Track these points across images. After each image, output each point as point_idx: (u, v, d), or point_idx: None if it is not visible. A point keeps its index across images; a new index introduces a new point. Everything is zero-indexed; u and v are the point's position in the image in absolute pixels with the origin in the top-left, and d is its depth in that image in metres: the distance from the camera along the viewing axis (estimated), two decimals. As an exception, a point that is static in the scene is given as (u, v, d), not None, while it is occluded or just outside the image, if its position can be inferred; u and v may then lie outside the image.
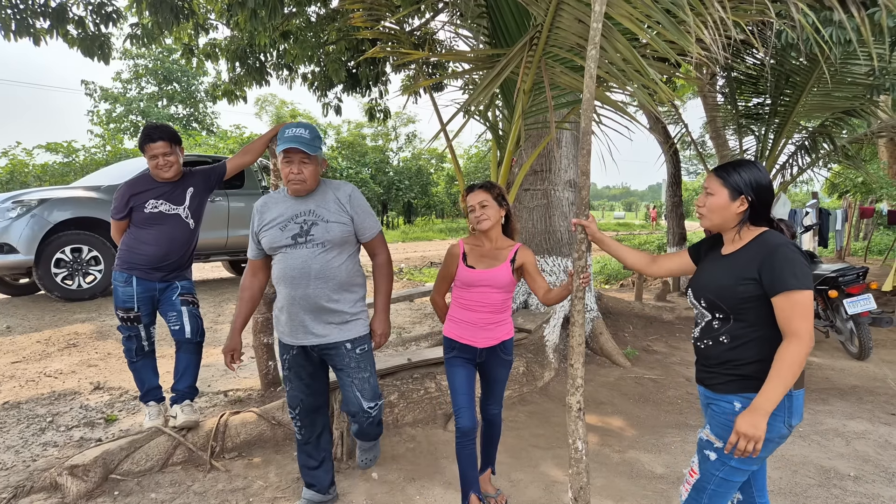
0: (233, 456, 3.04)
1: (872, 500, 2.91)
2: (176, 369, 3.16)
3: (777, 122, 6.95)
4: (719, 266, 1.81)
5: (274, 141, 3.44)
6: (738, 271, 1.73)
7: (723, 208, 1.80)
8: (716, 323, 1.79)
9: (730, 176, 1.78)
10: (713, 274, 1.82)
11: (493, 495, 2.75)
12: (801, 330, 1.60)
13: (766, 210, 1.79)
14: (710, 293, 1.79)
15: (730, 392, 1.75)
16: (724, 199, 1.79)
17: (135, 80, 26.81)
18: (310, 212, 2.40)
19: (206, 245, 7.39)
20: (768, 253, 1.68)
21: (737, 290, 1.71)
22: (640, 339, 5.77)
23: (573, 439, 2.29)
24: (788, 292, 1.62)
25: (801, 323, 1.61)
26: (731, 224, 1.81)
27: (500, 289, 2.51)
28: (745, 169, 1.78)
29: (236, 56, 7.22)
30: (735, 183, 1.77)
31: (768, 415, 1.62)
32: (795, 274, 1.62)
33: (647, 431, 3.69)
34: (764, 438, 1.64)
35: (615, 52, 2.75)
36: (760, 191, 1.77)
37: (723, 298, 1.75)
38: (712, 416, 1.81)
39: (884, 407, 4.26)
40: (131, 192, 3.04)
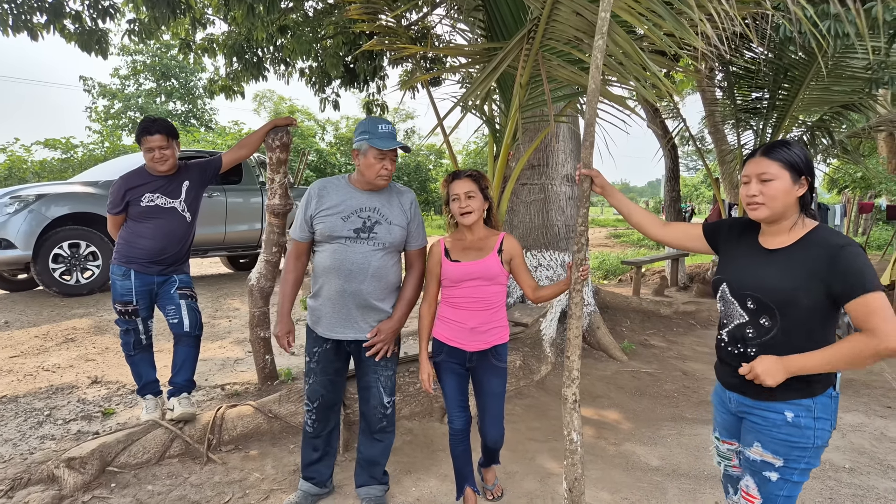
0: (229, 449, 3.05)
1: (867, 492, 2.93)
2: (174, 362, 3.17)
3: (775, 117, 6.93)
4: (771, 265, 1.64)
5: (273, 135, 3.44)
6: (800, 274, 1.57)
7: (786, 193, 1.61)
8: (750, 330, 1.66)
9: (788, 156, 1.62)
10: (765, 274, 1.64)
11: (490, 487, 2.77)
12: (879, 328, 1.46)
13: (812, 193, 1.67)
14: (763, 294, 1.63)
15: (782, 399, 1.62)
16: (787, 182, 1.61)
17: (133, 77, 26.74)
18: (375, 209, 2.39)
19: (203, 240, 7.39)
20: (834, 255, 1.53)
21: (797, 294, 1.57)
22: (637, 333, 5.78)
23: (568, 431, 2.30)
24: (864, 296, 1.48)
25: (883, 323, 1.46)
26: (793, 211, 1.64)
27: (491, 280, 2.38)
28: (796, 148, 1.63)
29: (234, 51, 7.21)
30: (796, 163, 1.61)
31: (791, 373, 1.56)
32: (869, 274, 1.50)
33: (642, 424, 3.70)
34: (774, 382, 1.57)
35: (615, 46, 2.74)
36: (812, 172, 1.64)
37: (779, 301, 1.60)
38: (756, 430, 1.68)
39: (880, 400, 4.28)
40: (127, 186, 3.05)
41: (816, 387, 1.62)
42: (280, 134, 3.46)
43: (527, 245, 5.21)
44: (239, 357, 4.46)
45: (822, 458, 3.27)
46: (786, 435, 1.63)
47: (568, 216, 5.28)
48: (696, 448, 3.35)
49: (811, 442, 1.62)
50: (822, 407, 1.62)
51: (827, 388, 1.63)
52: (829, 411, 1.64)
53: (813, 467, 1.66)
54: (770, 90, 6.86)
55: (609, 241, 17.28)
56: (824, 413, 1.63)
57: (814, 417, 1.62)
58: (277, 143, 3.45)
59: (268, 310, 3.68)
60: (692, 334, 6.12)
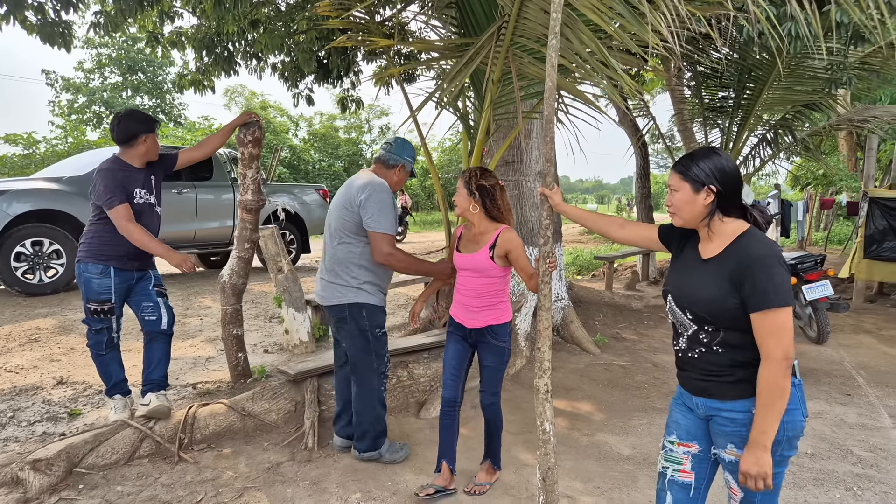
0: (202, 448, 3.02)
1: (828, 476, 3.05)
2: (149, 360, 3.12)
3: (740, 116, 7.12)
4: (703, 275, 1.69)
5: (245, 130, 3.40)
6: (723, 284, 1.62)
7: (689, 203, 1.68)
8: (703, 335, 1.69)
9: (689, 169, 1.68)
10: (698, 284, 1.69)
11: (477, 483, 2.78)
12: (773, 352, 1.53)
13: (735, 198, 1.68)
14: (696, 307, 1.68)
15: (742, 396, 1.64)
16: (687, 193, 1.69)
17: (98, 70, 25.97)
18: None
19: (172, 238, 7.25)
20: (748, 264, 1.57)
21: (726, 304, 1.61)
22: (609, 327, 5.88)
23: (541, 421, 2.34)
24: (766, 311, 1.53)
25: (775, 343, 1.53)
26: (701, 218, 1.70)
27: (479, 273, 2.60)
28: (703, 158, 1.68)
29: (203, 45, 7.06)
30: (695, 175, 1.67)
31: (768, 448, 1.55)
32: (776, 290, 1.53)
33: (614, 415, 3.78)
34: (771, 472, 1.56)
35: (579, 43, 2.79)
36: (725, 178, 1.66)
37: (711, 313, 1.64)
38: (724, 432, 1.69)
39: (840, 388, 4.44)
40: (119, 178, 2.91)
41: None
42: (252, 129, 3.42)
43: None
44: (210, 355, 4.39)
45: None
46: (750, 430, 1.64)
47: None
48: (665, 437, 3.44)
49: (782, 434, 1.62)
50: (789, 398, 1.62)
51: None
52: (796, 400, 1.65)
53: (790, 456, 1.67)
54: (735, 90, 7.04)
55: (583, 238, 17.51)
56: (792, 403, 1.63)
57: None
58: (250, 137, 3.41)
59: (240, 307, 3.64)
60: (662, 327, 6.26)
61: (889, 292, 8.18)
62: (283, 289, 4.34)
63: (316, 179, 22.01)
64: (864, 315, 7.02)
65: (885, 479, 3.03)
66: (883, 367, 4.99)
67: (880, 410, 4.01)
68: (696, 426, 1.81)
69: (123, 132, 2.98)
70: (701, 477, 1.81)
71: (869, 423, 3.77)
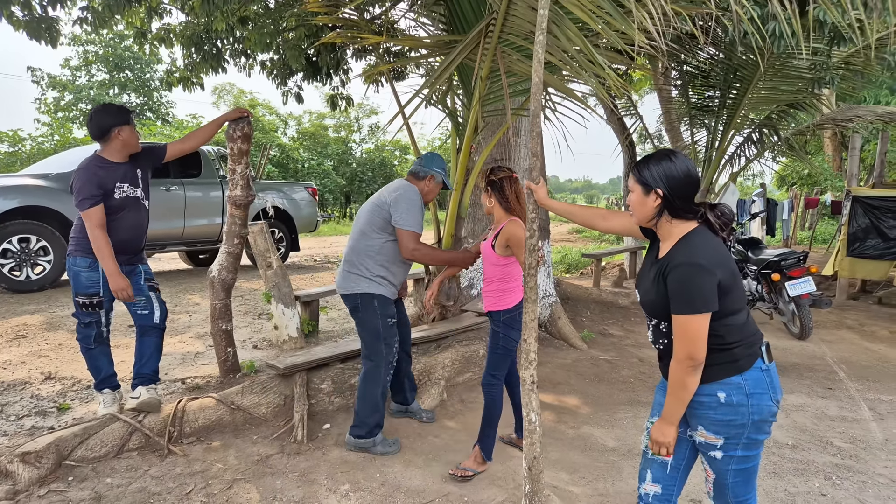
0: (191, 441, 3.03)
1: (808, 466, 3.12)
2: (140, 354, 3.12)
3: (726, 115, 7.21)
4: (651, 274, 1.79)
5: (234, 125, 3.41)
6: (658, 285, 1.73)
7: (640, 204, 1.77)
8: (662, 327, 1.79)
9: (641, 171, 1.76)
10: (646, 283, 1.81)
11: (464, 468, 2.85)
12: (680, 353, 1.65)
13: (684, 202, 1.73)
14: (644, 304, 1.81)
15: (707, 380, 1.71)
16: (639, 195, 1.77)
17: (84, 67, 25.69)
18: None
19: (161, 235, 7.23)
20: (669, 270, 1.68)
21: (662, 303, 1.72)
22: (597, 323, 5.95)
23: (527, 411, 2.38)
24: (675, 315, 1.65)
25: (681, 345, 1.65)
26: (650, 218, 1.78)
27: (486, 259, 2.89)
28: (656, 162, 1.74)
29: (192, 42, 7.03)
30: (645, 178, 1.74)
31: (674, 423, 1.73)
32: (683, 298, 1.63)
33: (600, 409, 3.83)
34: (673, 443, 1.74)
35: (566, 40, 2.83)
36: (673, 182, 1.71)
37: (655, 310, 1.77)
38: (698, 414, 1.76)
39: (822, 382, 4.53)
40: (98, 175, 2.90)
41: (743, 363, 1.71)
42: (241, 124, 3.43)
43: (490, 237, 5.29)
44: (199, 351, 4.40)
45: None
46: (721, 415, 1.70)
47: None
48: (650, 429, 3.50)
49: (747, 418, 1.69)
50: (753, 382, 1.70)
51: (754, 362, 1.71)
52: (764, 384, 1.71)
53: (762, 440, 1.73)
54: (721, 89, 7.12)
55: (571, 236, 17.62)
56: (758, 388, 1.70)
57: (746, 394, 1.69)
58: (239, 133, 3.43)
59: (229, 302, 3.66)
60: (649, 324, 6.33)
61: (871, 289, 8.32)
62: (273, 285, 4.36)
63: (305, 178, 21.94)
64: (847, 311, 7.15)
65: (863, 468, 3.11)
66: (864, 362, 5.09)
67: (860, 403, 4.09)
68: None
69: (96, 127, 2.95)
70: (680, 457, 1.87)
71: (849, 416, 3.85)
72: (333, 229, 17.51)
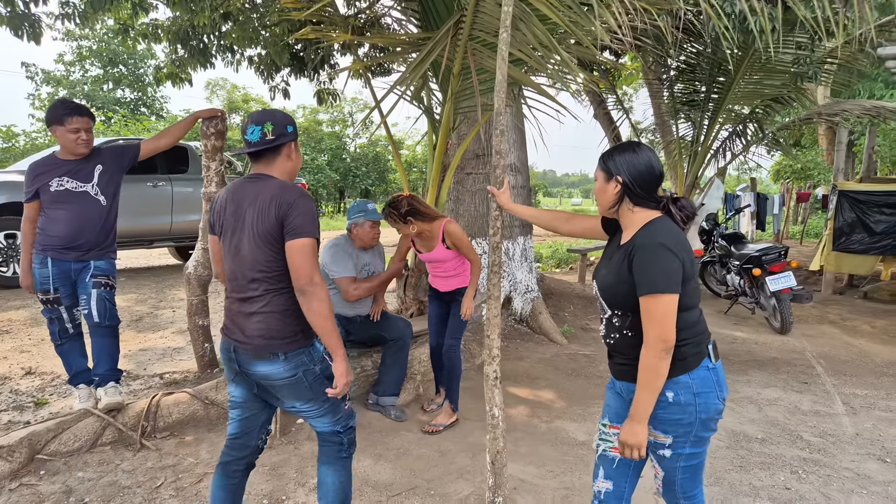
0: (165, 436, 3.06)
1: (775, 460, 3.16)
2: (93, 354, 3.12)
3: (711, 109, 7.22)
4: (612, 260, 1.80)
5: (208, 123, 3.43)
6: (620, 270, 1.73)
7: (601, 191, 1.82)
8: (616, 320, 1.79)
9: (604, 159, 1.81)
10: (607, 269, 1.81)
11: (435, 424, 3.36)
12: (650, 337, 1.63)
13: (645, 191, 1.76)
14: (604, 291, 1.80)
15: None
16: (601, 181, 1.82)
17: (79, 63, 25.62)
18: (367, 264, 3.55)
19: (149, 231, 7.25)
20: (635, 251, 1.68)
21: (624, 289, 1.71)
22: (579, 318, 5.98)
23: (490, 406, 2.41)
24: (644, 296, 1.64)
25: (651, 328, 1.63)
26: (610, 205, 1.81)
27: (445, 259, 3.34)
28: (619, 151, 1.79)
29: (178, 37, 7.03)
30: (608, 165, 1.79)
31: (645, 421, 1.68)
32: (651, 278, 1.63)
33: (574, 403, 3.87)
34: (646, 443, 1.69)
35: (533, 36, 2.85)
36: (634, 172, 1.75)
37: (614, 296, 1.76)
38: None
39: (798, 377, 4.57)
40: (35, 173, 2.98)
41: (690, 361, 1.72)
42: (215, 122, 3.46)
43: (472, 233, 5.32)
44: (180, 346, 4.43)
45: (737, 430, 3.47)
46: (669, 414, 1.72)
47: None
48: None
49: (694, 417, 1.71)
50: (700, 381, 1.72)
51: (701, 361, 1.73)
52: (711, 383, 1.73)
53: (706, 436, 1.76)
54: (706, 84, 7.12)
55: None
56: (705, 387, 1.72)
57: (694, 393, 1.71)
58: (212, 130, 3.45)
59: (206, 298, 3.68)
60: (633, 318, 6.37)
61: (858, 284, 8.37)
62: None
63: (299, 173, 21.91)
64: (830, 306, 7.19)
65: (830, 462, 3.15)
66: (843, 357, 5.13)
67: (835, 398, 4.13)
68: (624, 409, 1.89)
69: (45, 122, 3.03)
70: None
71: (822, 410, 3.89)
72: (326, 224, 17.52)
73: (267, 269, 1.86)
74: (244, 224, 1.88)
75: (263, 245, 1.85)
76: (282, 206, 1.84)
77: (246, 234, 1.87)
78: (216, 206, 2.00)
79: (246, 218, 1.87)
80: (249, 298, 1.89)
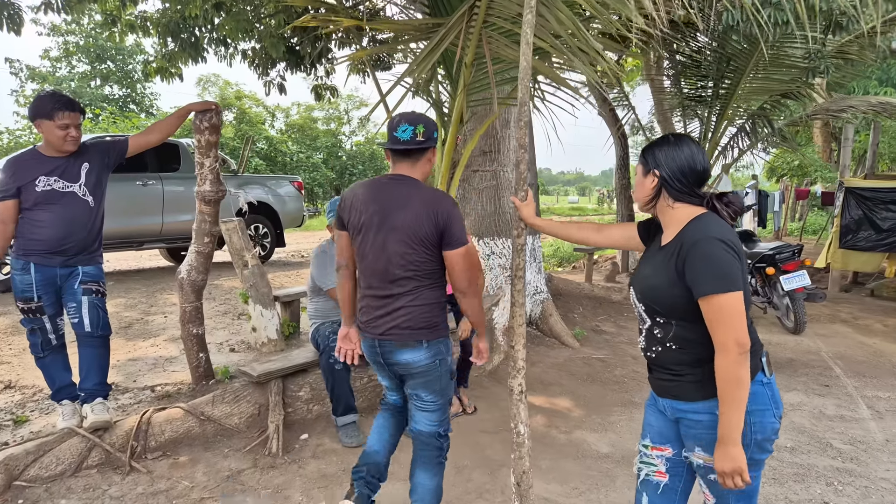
0: (156, 456, 2.83)
1: (808, 471, 2.98)
2: (80, 367, 2.88)
3: (719, 106, 7.07)
4: (654, 261, 1.65)
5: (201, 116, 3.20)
6: (667, 272, 1.57)
7: (639, 185, 1.71)
8: (657, 330, 1.63)
9: (645, 152, 1.70)
10: (648, 272, 1.66)
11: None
12: (724, 341, 1.46)
13: (685, 185, 1.62)
14: (646, 296, 1.64)
15: (705, 398, 1.56)
16: (639, 174, 1.71)
17: (65, 59, 25.13)
18: None
19: (138, 232, 6.98)
20: (688, 248, 1.52)
21: (671, 292, 1.55)
22: (589, 319, 5.79)
23: (515, 423, 2.22)
24: (708, 297, 1.46)
25: (723, 331, 1.46)
26: (647, 200, 1.70)
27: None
28: (660, 144, 1.68)
29: (168, 30, 6.77)
30: (645, 159, 1.69)
31: (738, 441, 1.48)
32: (715, 274, 1.46)
33: (593, 411, 3.68)
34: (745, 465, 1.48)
35: (557, 23, 2.64)
36: (673, 165, 1.62)
37: (659, 302, 1.59)
38: (693, 434, 1.60)
39: (818, 379, 4.41)
40: (17, 169, 2.73)
41: None
42: (209, 115, 3.21)
43: (479, 233, 5.11)
44: (173, 355, 4.18)
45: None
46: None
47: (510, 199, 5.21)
48: (645, 434, 3.35)
49: (749, 437, 1.53)
50: (755, 398, 1.53)
51: (756, 375, 1.55)
52: (766, 399, 1.56)
53: (762, 459, 1.58)
54: (714, 79, 6.96)
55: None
56: (759, 404, 1.54)
57: (748, 411, 1.52)
58: (206, 124, 3.21)
59: (200, 304, 3.44)
60: (641, 319, 6.19)
61: (863, 281, 8.25)
62: (250, 284, 4.15)
63: (294, 171, 21.61)
64: (840, 304, 7.05)
65: (865, 472, 2.98)
66: (860, 357, 4.98)
67: (858, 401, 3.97)
68: (669, 428, 1.73)
69: (28, 117, 2.79)
70: (677, 479, 1.73)
71: (847, 415, 3.73)
72: (321, 223, 17.24)
73: (418, 268, 2.02)
74: (393, 224, 2.00)
75: (418, 247, 2.00)
76: (441, 216, 2.00)
77: (396, 235, 2.00)
78: (350, 205, 2.09)
79: (395, 219, 2.00)
80: (396, 294, 2.04)
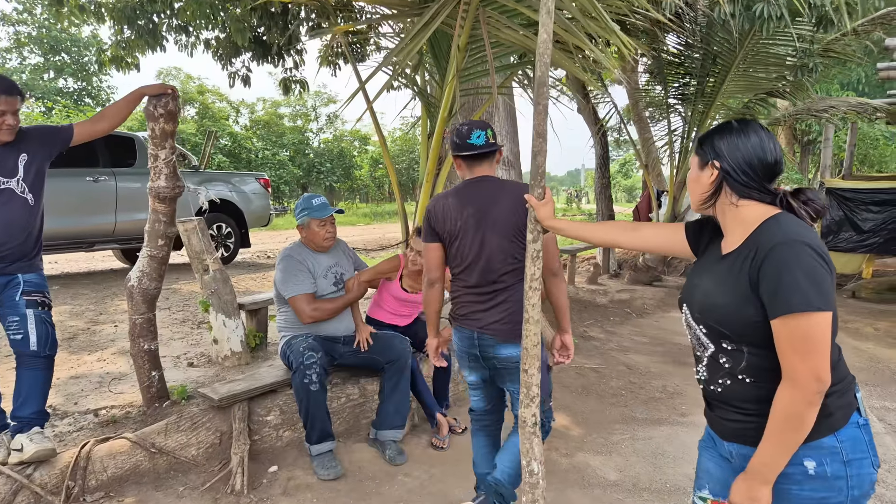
0: (98, 497, 2.39)
1: None
2: (17, 390, 2.43)
3: (703, 104, 6.92)
4: (718, 274, 1.35)
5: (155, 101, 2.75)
6: (735, 285, 1.28)
7: (694, 180, 1.41)
8: (724, 358, 1.33)
9: (702, 141, 1.40)
10: (710, 287, 1.35)
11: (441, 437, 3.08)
12: (800, 372, 1.17)
13: (752, 180, 1.31)
14: (709, 316, 1.33)
15: None
16: (694, 169, 1.41)
17: (16, 49, 23.81)
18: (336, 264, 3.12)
19: (89, 232, 6.42)
20: (764, 255, 1.22)
21: (744, 311, 1.25)
22: (576, 325, 5.51)
23: (528, 460, 1.89)
24: (788, 316, 1.17)
25: (801, 360, 1.16)
26: (704, 198, 1.39)
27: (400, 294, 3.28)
28: (721, 131, 1.38)
29: (124, 15, 6.24)
30: (702, 149, 1.38)
31: (771, 482, 1.22)
32: (800, 287, 1.16)
33: (593, 429, 3.37)
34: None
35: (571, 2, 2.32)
36: (737, 155, 1.32)
37: (727, 323, 1.29)
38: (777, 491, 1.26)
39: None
40: None
41: (837, 417, 1.24)
42: (165, 100, 2.77)
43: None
44: (122, 372, 3.70)
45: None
46: (810, 491, 1.25)
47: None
48: (652, 455, 3.06)
49: (845, 494, 1.24)
50: (851, 444, 1.24)
51: (851, 415, 1.26)
52: (864, 446, 1.25)
53: None
54: (698, 77, 6.81)
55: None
56: (856, 451, 1.24)
57: (843, 461, 1.23)
58: (161, 110, 2.76)
59: (153, 316, 2.99)
60: (629, 323, 5.96)
61: (843, 283, 8.22)
62: (211, 291, 3.70)
63: (259, 169, 20.89)
64: (824, 307, 6.96)
65: (893, 498, 2.74)
66: (857, 364, 4.81)
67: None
68: (733, 477, 1.37)
69: None
70: None
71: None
72: (289, 222, 16.64)
73: (517, 261, 2.07)
74: (489, 222, 2.08)
75: (517, 239, 2.06)
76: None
77: (495, 232, 2.07)
78: (443, 214, 2.15)
79: (492, 216, 2.08)
80: (498, 290, 2.11)
